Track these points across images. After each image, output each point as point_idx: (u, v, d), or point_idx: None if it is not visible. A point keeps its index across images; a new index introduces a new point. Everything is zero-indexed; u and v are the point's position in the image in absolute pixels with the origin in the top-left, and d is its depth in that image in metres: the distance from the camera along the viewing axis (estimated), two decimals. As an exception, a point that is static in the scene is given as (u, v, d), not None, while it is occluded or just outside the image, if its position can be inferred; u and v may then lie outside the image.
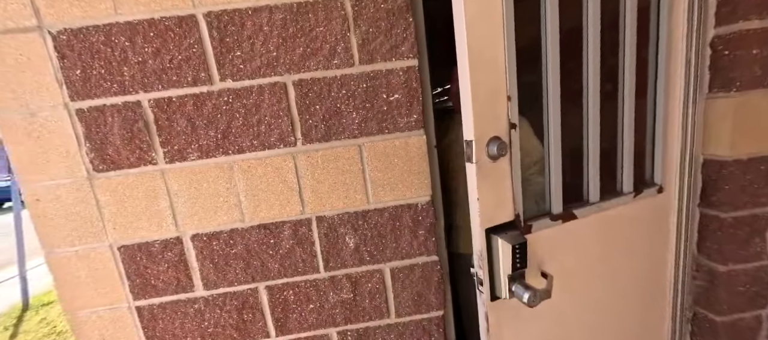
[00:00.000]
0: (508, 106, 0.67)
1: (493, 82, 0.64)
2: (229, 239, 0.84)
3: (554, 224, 0.80)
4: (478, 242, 0.70)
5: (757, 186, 0.91)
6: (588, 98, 0.81)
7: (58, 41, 0.72)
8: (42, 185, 0.78)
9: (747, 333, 1.00)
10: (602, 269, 0.90)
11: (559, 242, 0.81)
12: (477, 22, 0.60)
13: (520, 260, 0.68)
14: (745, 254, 0.94)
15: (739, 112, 0.87)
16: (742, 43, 0.84)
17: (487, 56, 0.63)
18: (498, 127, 0.66)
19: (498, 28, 0.63)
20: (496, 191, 0.69)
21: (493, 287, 0.72)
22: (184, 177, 0.80)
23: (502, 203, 0.70)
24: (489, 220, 0.69)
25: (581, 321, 0.89)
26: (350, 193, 0.83)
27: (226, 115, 0.77)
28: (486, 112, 0.65)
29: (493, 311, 0.74)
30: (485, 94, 0.64)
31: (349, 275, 0.88)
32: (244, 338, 0.89)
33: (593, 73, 0.79)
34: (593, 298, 0.90)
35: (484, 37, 0.62)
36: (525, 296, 0.66)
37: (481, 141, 0.65)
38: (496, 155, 0.65)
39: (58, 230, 0.80)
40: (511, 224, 0.72)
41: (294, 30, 0.75)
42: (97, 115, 0.75)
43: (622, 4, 0.81)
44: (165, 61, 0.74)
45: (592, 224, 0.84)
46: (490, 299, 0.73)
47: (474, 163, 0.65)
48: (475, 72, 0.62)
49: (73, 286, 0.83)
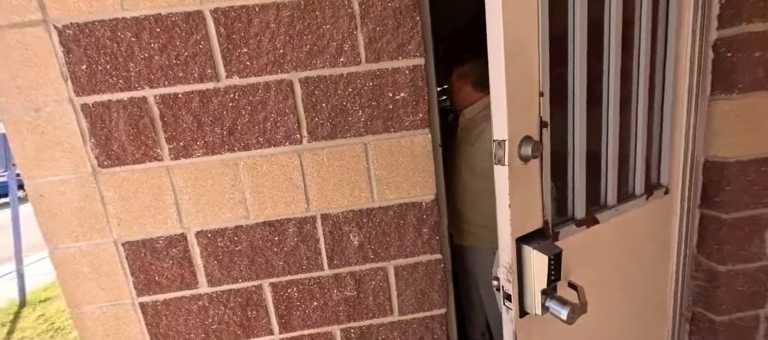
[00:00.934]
0: (541, 103, 0.62)
1: (526, 77, 0.59)
2: (234, 236, 0.84)
3: (579, 230, 0.77)
4: (508, 253, 0.63)
5: (758, 187, 0.92)
6: (608, 102, 0.80)
7: (63, 36, 0.71)
8: (46, 181, 0.77)
9: (745, 333, 1.01)
10: (619, 273, 0.89)
11: (583, 249, 0.78)
12: (513, 14, 0.56)
13: (555, 273, 0.62)
14: (745, 255, 0.95)
15: (740, 114, 0.88)
16: (744, 46, 0.85)
17: (522, 49, 0.58)
18: (530, 126, 0.61)
19: (533, 20, 0.59)
20: (527, 196, 0.63)
21: (523, 302, 0.67)
22: (189, 174, 0.80)
23: (533, 210, 0.65)
24: (520, 228, 0.64)
25: (600, 328, 0.88)
26: (355, 191, 0.84)
27: (232, 112, 0.77)
28: (519, 110, 0.59)
29: (523, 327, 0.68)
30: (519, 90, 0.59)
31: (353, 273, 0.88)
32: (248, 335, 0.89)
33: (614, 76, 0.78)
34: (608, 303, 0.88)
35: (519, 30, 0.57)
36: (563, 312, 0.60)
37: (514, 141, 0.59)
38: (530, 156, 0.60)
39: (63, 226, 0.80)
40: (540, 231, 0.68)
41: (301, 27, 0.75)
42: (103, 111, 0.75)
43: (638, 7, 0.81)
44: (171, 57, 0.74)
45: (611, 227, 0.82)
46: (520, 315, 0.67)
47: (506, 166, 0.59)
48: (510, 66, 0.56)
49: (77, 282, 0.83)
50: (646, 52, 0.82)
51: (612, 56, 0.77)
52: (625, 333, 0.96)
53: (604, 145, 0.82)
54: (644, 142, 0.87)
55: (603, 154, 0.83)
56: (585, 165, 0.77)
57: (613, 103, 0.80)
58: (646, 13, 0.81)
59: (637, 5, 0.81)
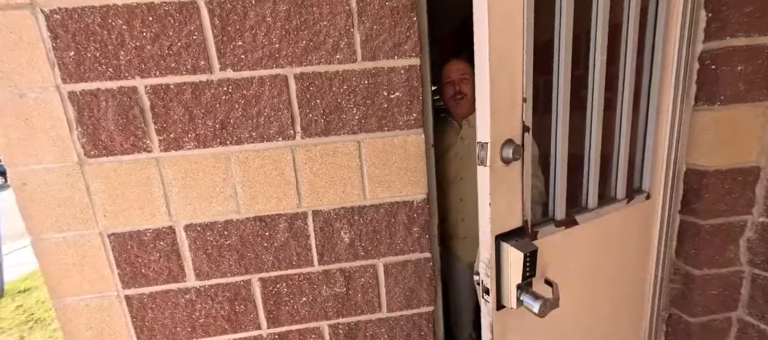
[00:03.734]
0: (524, 108, 0.65)
1: (510, 83, 0.62)
2: (224, 230, 0.83)
3: (558, 230, 0.80)
4: (486, 250, 0.67)
5: (735, 196, 0.96)
6: (592, 108, 0.82)
7: (51, 20, 0.69)
8: (30, 169, 0.75)
9: (718, 335, 1.06)
10: (597, 274, 0.92)
11: (561, 248, 0.81)
12: (499, 20, 0.58)
13: (530, 269, 0.66)
14: (720, 260, 0.99)
15: (721, 124, 0.91)
16: (728, 59, 0.88)
17: (507, 57, 0.61)
18: (512, 130, 0.64)
19: (518, 29, 0.61)
20: (507, 195, 0.67)
21: (500, 296, 0.70)
22: (179, 166, 0.79)
23: (512, 209, 0.68)
24: (500, 226, 0.67)
25: (575, 325, 0.91)
26: (347, 188, 0.84)
27: (225, 106, 0.77)
28: (502, 114, 0.62)
29: (499, 320, 0.72)
30: (502, 96, 0.62)
31: (343, 270, 0.89)
32: (236, 329, 0.89)
33: (598, 83, 0.80)
34: (586, 302, 0.92)
35: (504, 37, 0.60)
36: (535, 306, 0.64)
37: (496, 144, 0.62)
38: (511, 159, 0.63)
39: (46, 215, 0.78)
40: (519, 230, 0.70)
41: (297, 22, 0.74)
42: (91, 100, 0.74)
43: (625, 16, 0.83)
44: (164, 46, 0.73)
45: (590, 229, 0.85)
46: (497, 308, 0.71)
47: (488, 167, 0.62)
48: (495, 73, 0.59)
49: (60, 273, 0.81)
50: (632, 61, 0.85)
51: (597, 66, 0.79)
52: (604, 331, 0.99)
53: (587, 150, 0.85)
54: (627, 149, 0.89)
55: (585, 160, 0.86)
56: (566, 168, 0.79)
57: (596, 112, 0.82)
58: (632, 25, 0.83)
59: (625, 16, 0.83)
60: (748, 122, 0.91)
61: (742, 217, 0.97)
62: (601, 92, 0.81)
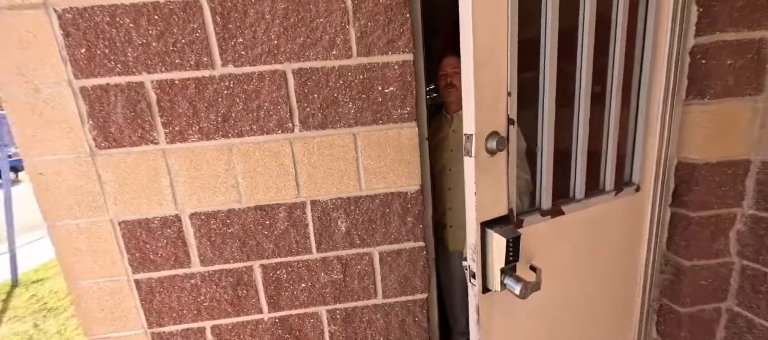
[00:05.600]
0: (508, 102, 0.68)
1: (495, 78, 0.65)
2: (227, 219, 0.87)
3: (544, 219, 0.83)
4: (472, 236, 0.71)
5: (724, 188, 0.97)
6: (579, 103, 0.85)
7: (63, 19, 0.74)
8: (45, 160, 0.80)
9: (707, 324, 1.08)
10: (585, 263, 0.95)
11: (547, 237, 0.84)
12: (483, 18, 0.61)
13: (513, 254, 0.69)
14: (710, 251, 1.01)
15: (711, 119, 0.93)
16: (718, 54, 0.90)
17: (492, 52, 0.63)
18: (497, 123, 0.67)
19: (503, 24, 0.63)
20: (492, 185, 0.70)
21: (486, 279, 0.74)
22: (184, 157, 0.83)
23: (498, 198, 0.72)
24: (485, 213, 0.71)
25: (564, 312, 0.95)
26: (344, 179, 0.87)
27: (227, 100, 0.80)
28: (487, 108, 0.65)
29: (485, 302, 0.76)
30: (487, 90, 0.64)
31: (340, 257, 0.93)
32: (238, 313, 0.94)
33: (585, 79, 0.83)
34: (576, 290, 0.96)
35: (489, 34, 0.62)
36: (517, 288, 0.68)
37: (481, 135, 0.65)
38: (495, 150, 0.66)
39: (60, 203, 0.83)
40: (505, 218, 0.74)
41: (295, 20, 0.78)
42: (101, 94, 0.78)
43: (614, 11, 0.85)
44: (169, 43, 0.76)
45: (577, 219, 0.89)
46: (483, 291, 0.75)
47: (473, 158, 0.65)
48: (479, 67, 0.62)
49: (74, 257, 0.86)
50: (620, 56, 0.87)
51: (584, 61, 0.82)
52: (594, 318, 1.02)
53: (575, 144, 0.87)
54: (615, 143, 0.92)
55: (573, 153, 0.88)
56: (552, 160, 0.82)
57: (583, 107, 0.85)
58: (621, 20, 0.85)
59: (613, 12, 0.85)
60: (737, 116, 0.92)
61: (732, 209, 0.99)
62: (588, 88, 0.83)
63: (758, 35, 0.88)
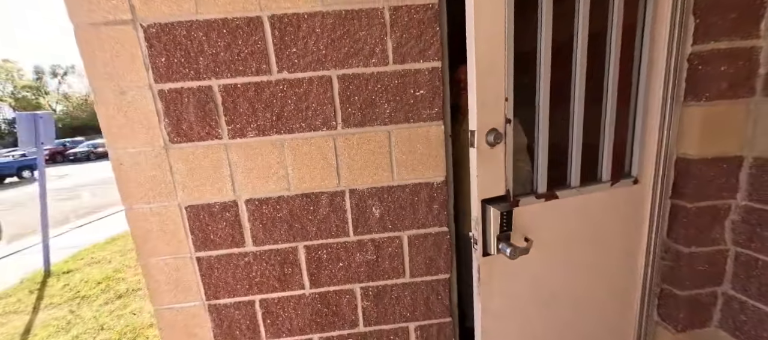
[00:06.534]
0: (505, 105, 0.85)
1: (495, 86, 0.82)
2: (277, 205, 1.00)
3: (538, 201, 0.98)
4: (475, 210, 0.89)
5: (720, 182, 1.08)
6: (574, 100, 0.98)
7: (148, 33, 0.87)
8: (126, 152, 0.94)
9: (705, 307, 1.18)
10: (582, 244, 1.08)
11: (542, 217, 0.99)
12: (484, 37, 0.78)
13: (506, 224, 0.87)
14: (707, 239, 1.12)
15: (706, 119, 1.03)
16: (713, 60, 1.00)
17: (492, 65, 0.80)
18: (496, 121, 0.84)
19: (501, 43, 0.80)
20: (492, 170, 0.87)
21: (486, 245, 0.91)
22: (243, 151, 0.96)
23: (496, 181, 0.89)
24: (485, 193, 0.88)
25: (557, 281, 1.09)
26: (379, 171, 1.00)
27: (281, 101, 0.94)
28: (488, 109, 0.82)
29: (485, 264, 0.94)
30: (488, 95, 0.82)
31: (374, 240, 1.05)
32: (284, 288, 1.07)
33: (579, 82, 0.96)
34: (571, 264, 1.09)
35: (489, 50, 0.79)
36: (507, 250, 0.85)
37: (482, 131, 0.83)
38: (493, 143, 0.84)
39: (137, 189, 0.97)
40: (503, 197, 0.90)
41: (341, 33, 0.90)
42: (176, 96, 0.92)
43: (610, 21, 0.97)
44: (234, 53, 0.90)
45: (571, 204, 1.02)
46: (483, 255, 0.92)
47: (476, 148, 0.83)
48: (481, 77, 0.80)
49: (146, 237, 1.00)
50: (615, 60, 0.99)
51: (578, 62, 0.94)
52: (596, 298, 1.14)
53: (571, 136, 1.00)
54: (611, 138, 1.04)
55: (570, 145, 1.01)
56: (547, 150, 0.96)
57: (578, 106, 0.97)
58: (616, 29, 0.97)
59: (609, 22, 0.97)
60: (730, 117, 1.03)
61: (727, 201, 1.09)
62: (582, 88, 0.96)
63: (750, 44, 0.99)
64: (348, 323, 1.10)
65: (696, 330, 1.19)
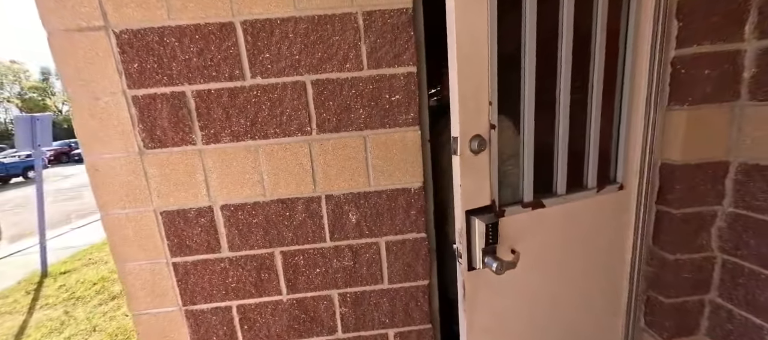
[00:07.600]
0: (489, 110, 0.81)
1: (478, 90, 0.78)
2: (252, 210, 1.00)
3: (525, 211, 0.95)
4: (459, 222, 0.84)
5: (706, 188, 1.05)
6: (560, 107, 0.95)
7: (120, 39, 0.87)
8: (101, 157, 0.94)
9: (692, 315, 1.16)
10: (569, 252, 1.05)
11: (528, 226, 0.96)
12: (466, 35, 0.73)
13: (492, 237, 0.83)
14: (692, 246, 1.09)
15: (690, 123, 1.01)
16: (696, 64, 0.98)
17: (473, 70, 0.76)
18: (480, 127, 0.80)
19: (483, 41, 0.75)
20: (476, 179, 0.83)
21: (471, 259, 0.86)
22: (217, 156, 0.96)
23: (481, 190, 0.85)
24: (469, 203, 0.84)
25: (545, 293, 1.05)
26: (355, 176, 0.99)
27: (255, 107, 0.93)
28: (471, 114, 0.78)
29: (470, 279, 0.89)
30: (471, 100, 0.77)
31: (351, 246, 1.04)
32: (261, 294, 1.06)
33: (564, 88, 0.94)
34: (561, 277, 1.06)
35: (471, 50, 0.74)
36: (493, 265, 0.81)
37: (465, 137, 0.78)
38: (477, 150, 0.80)
39: (113, 195, 0.96)
40: (488, 208, 0.87)
41: (314, 38, 0.90)
42: (149, 102, 0.91)
43: (594, 26, 0.95)
44: (207, 59, 0.89)
45: (558, 212, 0.99)
46: (468, 269, 0.88)
47: (458, 156, 0.79)
48: (463, 81, 0.75)
49: (122, 242, 1.00)
50: (600, 68, 0.96)
51: (563, 70, 0.92)
52: (584, 306, 1.12)
53: (557, 145, 0.98)
54: (597, 144, 1.01)
55: (555, 153, 0.98)
56: (533, 158, 0.93)
57: (562, 113, 0.95)
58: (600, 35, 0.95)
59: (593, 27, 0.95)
60: (715, 121, 1.01)
61: (713, 207, 1.07)
62: (567, 95, 0.94)
63: (733, 47, 0.97)
64: (326, 329, 1.09)
65: (683, 339, 1.17)
